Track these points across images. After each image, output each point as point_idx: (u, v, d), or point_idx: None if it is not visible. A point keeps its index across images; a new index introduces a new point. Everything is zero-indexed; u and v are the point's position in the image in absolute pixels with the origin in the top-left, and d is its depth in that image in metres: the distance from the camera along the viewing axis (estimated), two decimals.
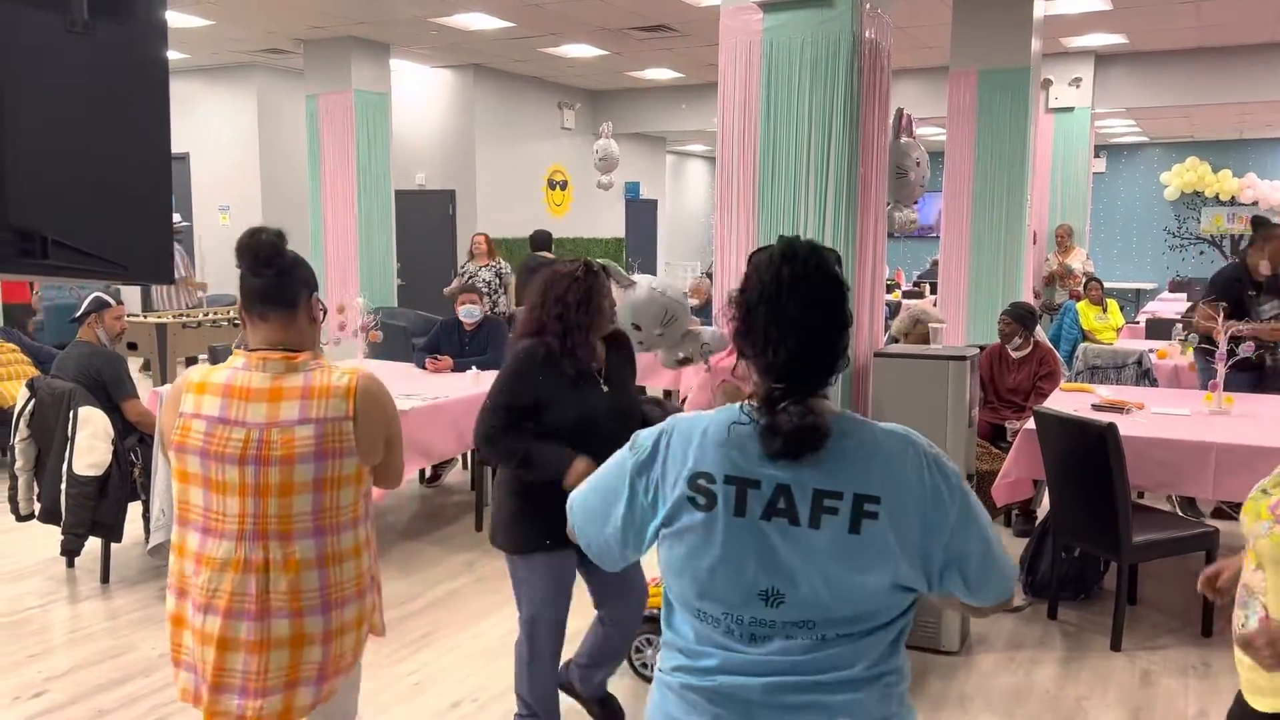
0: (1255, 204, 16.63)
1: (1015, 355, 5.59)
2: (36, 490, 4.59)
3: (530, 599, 2.90)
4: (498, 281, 8.76)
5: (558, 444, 2.76)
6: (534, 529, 2.84)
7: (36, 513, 4.57)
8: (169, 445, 2.14)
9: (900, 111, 3.78)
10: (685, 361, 3.77)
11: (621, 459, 1.58)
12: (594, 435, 2.72)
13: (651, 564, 2.95)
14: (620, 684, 3.42)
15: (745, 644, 1.45)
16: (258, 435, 2.06)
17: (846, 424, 1.46)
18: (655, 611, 3.58)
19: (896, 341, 5.17)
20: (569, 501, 1.68)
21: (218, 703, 2.11)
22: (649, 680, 3.57)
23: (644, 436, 1.56)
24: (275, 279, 2.13)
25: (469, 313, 6.07)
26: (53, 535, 4.87)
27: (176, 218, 10.36)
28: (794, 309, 1.43)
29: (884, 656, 1.47)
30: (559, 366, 2.77)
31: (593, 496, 1.62)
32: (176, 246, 10.17)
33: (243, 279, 2.14)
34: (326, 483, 2.11)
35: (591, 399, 2.82)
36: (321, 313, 2.25)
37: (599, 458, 2.59)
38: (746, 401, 1.48)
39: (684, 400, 7.18)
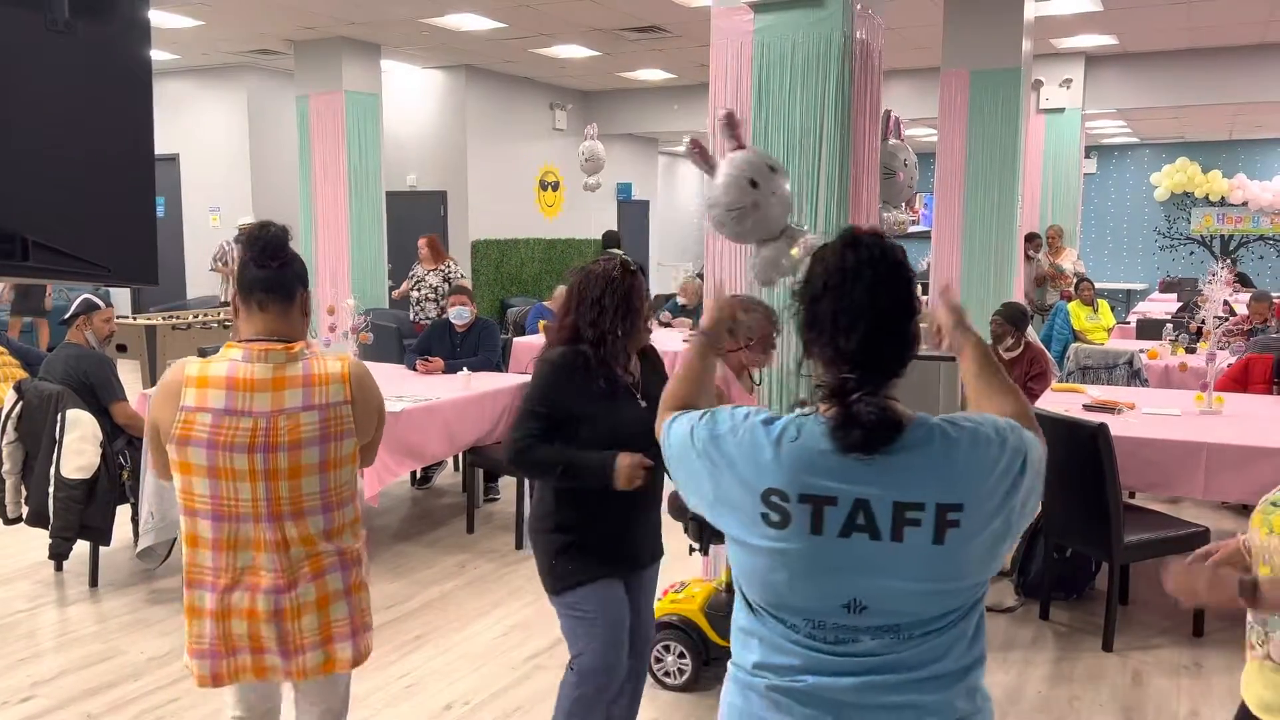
0: (1245, 205, 16.71)
1: (1007, 356, 5.59)
2: (24, 493, 4.56)
3: (590, 634, 2.58)
4: (446, 287, 8.17)
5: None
6: (591, 555, 2.59)
7: (24, 516, 4.54)
8: (168, 438, 2.19)
9: (888, 114, 3.77)
10: (781, 273, 3.35)
11: (685, 449, 1.53)
12: (577, 480, 2.55)
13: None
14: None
15: (830, 644, 1.43)
16: (265, 424, 2.15)
17: (922, 427, 1.41)
18: (672, 618, 3.57)
19: None
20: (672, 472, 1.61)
21: (262, 660, 2.25)
22: (671, 689, 3.56)
23: (701, 432, 1.51)
24: (278, 271, 2.24)
25: (459, 314, 6.05)
26: (41, 538, 4.84)
27: (249, 221, 10.41)
28: (861, 294, 1.40)
29: (970, 644, 1.46)
30: (594, 377, 2.54)
31: (681, 480, 1.58)
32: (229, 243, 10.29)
33: (244, 268, 2.23)
34: (330, 464, 2.23)
35: (628, 414, 2.56)
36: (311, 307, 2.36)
37: (610, 495, 2.51)
38: (810, 407, 1.45)
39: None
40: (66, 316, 4.85)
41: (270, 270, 2.21)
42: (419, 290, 8.29)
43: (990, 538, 1.41)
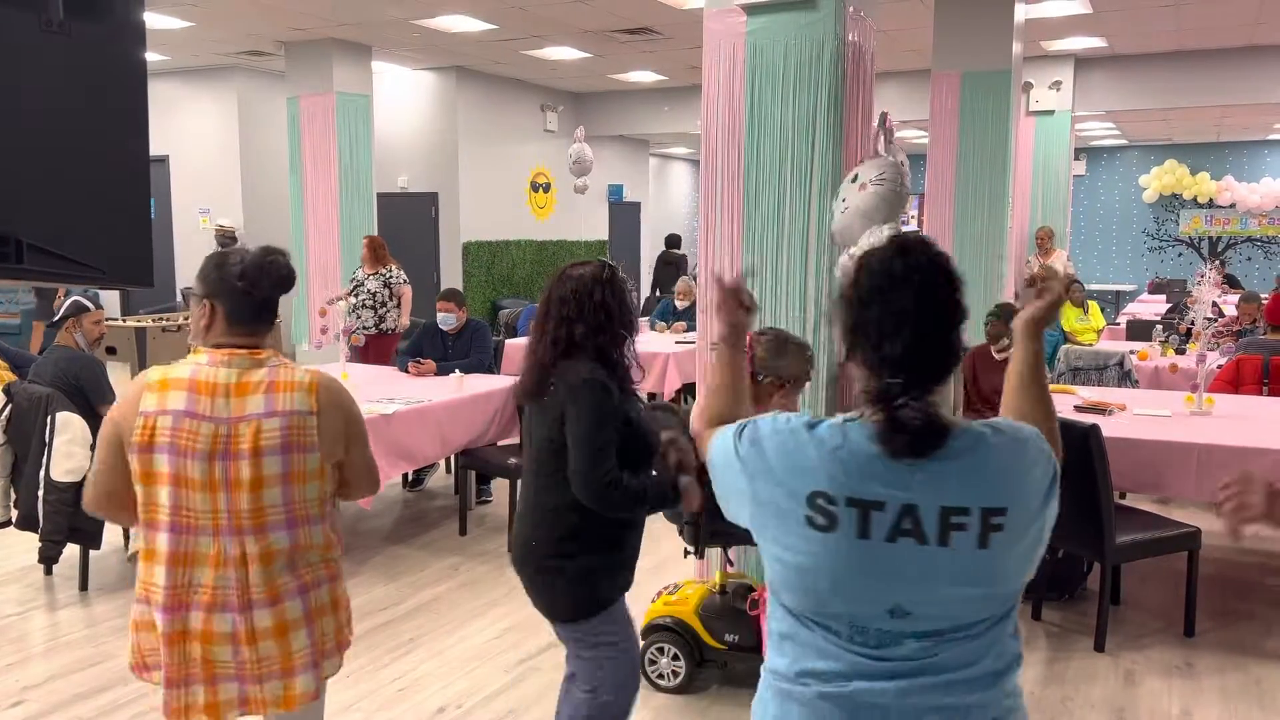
0: (1233, 206, 16.80)
1: (999, 356, 5.60)
2: (14, 497, 4.53)
3: (615, 659, 2.46)
4: (386, 293, 7.49)
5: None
6: (617, 577, 2.47)
7: (14, 520, 4.51)
8: (129, 446, 2.11)
9: (884, 115, 3.78)
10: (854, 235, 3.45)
11: (728, 457, 1.53)
12: (651, 462, 2.42)
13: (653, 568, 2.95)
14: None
15: (873, 649, 1.43)
16: (225, 430, 2.09)
17: (966, 432, 1.42)
18: (666, 619, 3.56)
19: None
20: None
21: (217, 693, 2.14)
22: (665, 691, 3.55)
23: (743, 441, 1.52)
24: (273, 296, 2.20)
25: (444, 320, 6.04)
26: (30, 542, 4.81)
27: (226, 222, 10.32)
28: (908, 301, 1.40)
29: (1008, 643, 1.47)
30: (623, 388, 2.39)
31: (722, 491, 1.58)
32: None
33: (234, 288, 2.14)
34: (294, 476, 2.14)
35: (647, 421, 2.46)
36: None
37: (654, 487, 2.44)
38: (854, 411, 1.46)
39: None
40: (56, 319, 4.82)
41: (268, 296, 2.17)
42: (357, 296, 7.51)
43: (1029, 542, 1.44)
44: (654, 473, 2.43)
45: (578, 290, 2.40)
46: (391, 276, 7.55)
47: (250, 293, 2.15)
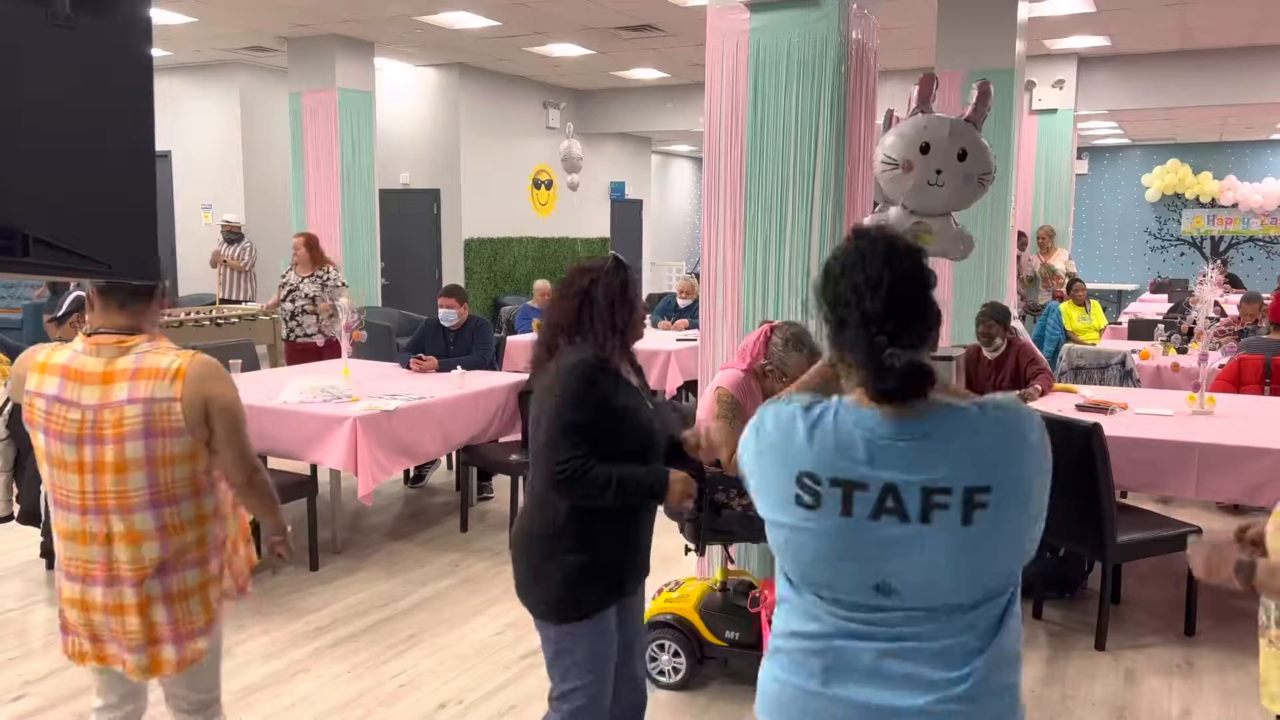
0: (1235, 206, 16.78)
1: (991, 356, 5.56)
2: (15, 491, 4.54)
3: (581, 670, 2.39)
4: (325, 296, 6.89)
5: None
6: (598, 588, 2.38)
7: (15, 514, 4.52)
8: (28, 421, 2.28)
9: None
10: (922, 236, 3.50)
11: (745, 440, 1.63)
12: (653, 458, 2.37)
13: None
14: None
15: (859, 619, 1.50)
16: (91, 416, 2.20)
17: (948, 411, 1.48)
18: (666, 616, 3.56)
19: None
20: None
21: (104, 649, 2.34)
22: (666, 688, 3.56)
23: (754, 425, 1.62)
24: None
25: (446, 317, 6.04)
26: (32, 537, 4.82)
27: (231, 216, 10.28)
28: (879, 265, 1.48)
29: (995, 627, 1.49)
30: (614, 380, 2.35)
31: (744, 471, 1.66)
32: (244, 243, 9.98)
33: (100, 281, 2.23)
34: (159, 460, 2.23)
35: (647, 416, 2.40)
36: (166, 297, 2.41)
37: (643, 506, 2.38)
38: (847, 395, 1.53)
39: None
40: (60, 314, 4.82)
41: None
42: (293, 302, 6.89)
43: (1018, 523, 1.47)
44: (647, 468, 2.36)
45: (587, 284, 2.40)
46: (329, 278, 6.94)
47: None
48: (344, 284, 7.07)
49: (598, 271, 2.41)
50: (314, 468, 5.01)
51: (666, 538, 2.93)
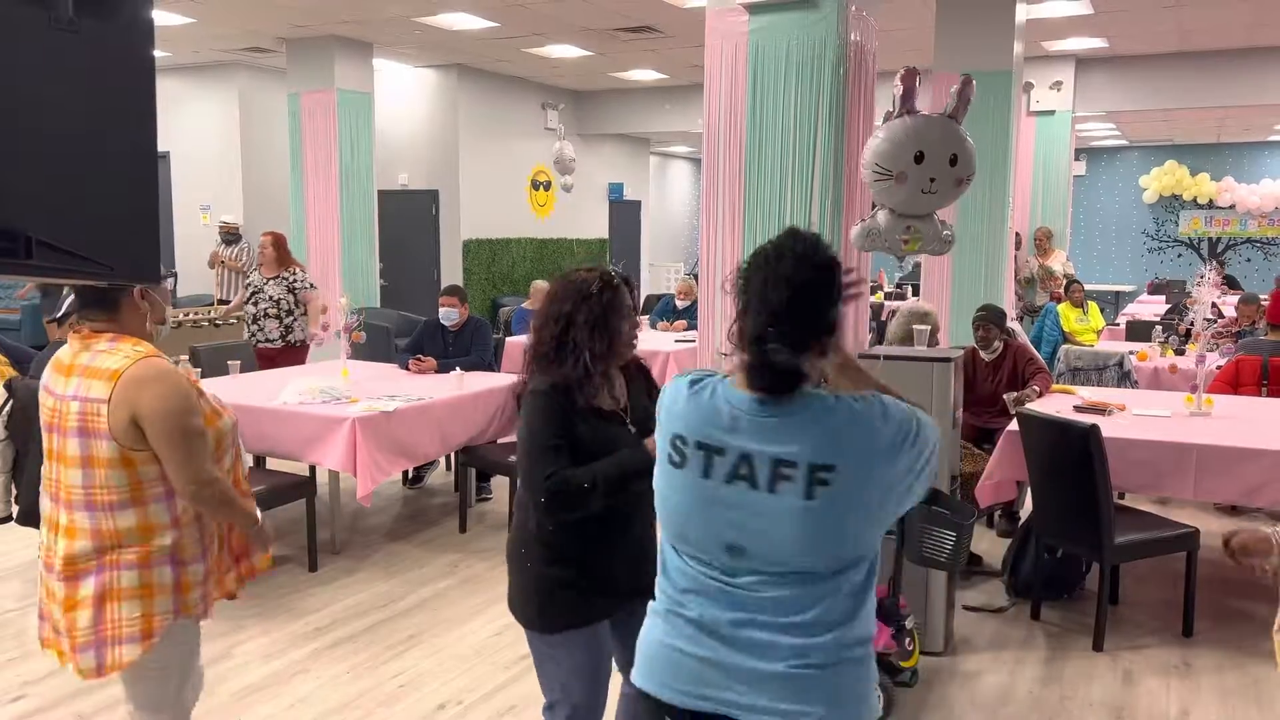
0: (1232, 207, 16.80)
1: (989, 359, 5.56)
2: (14, 492, 4.53)
3: (565, 682, 2.36)
4: (292, 299, 6.70)
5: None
6: (577, 602, 2.32)
7: (14, 515, 4.51)
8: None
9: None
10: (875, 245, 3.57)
11: None
12: (622, 491, 2.23)
13: None
14: None
15: (718, 576, 1.63)
16: (60, 407, 2.28)
17: (813, 397, 1.59)
18: None
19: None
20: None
21: (59, 641, 2.35)
22: None
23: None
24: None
25: (447, 315, 6.04)
26: (32, 537, 4.81)
27: (229, 217, 10.25)
28: (787, 268, 1.58)
29: (845, 602, 1.60)
30: (581, 407, 2.28)
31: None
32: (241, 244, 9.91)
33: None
34: (91, 460, 2.23)
35: (623, 441, 2.29)
36: (145, 301, 2.39)
37: (632, 516, 2.30)
38: (727, 374, 1.65)
39: None
40: (59, 315, 4.82)
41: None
42: (256, 305, 6.71)
43: (856, 507, 1.57)
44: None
45: (568, 302, 2.31)
46: (296, 280, 6.74)
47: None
48: (312, 285, 6.92)
49: (579, 296, 2.29)
50: (313, 469, 5.02)
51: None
